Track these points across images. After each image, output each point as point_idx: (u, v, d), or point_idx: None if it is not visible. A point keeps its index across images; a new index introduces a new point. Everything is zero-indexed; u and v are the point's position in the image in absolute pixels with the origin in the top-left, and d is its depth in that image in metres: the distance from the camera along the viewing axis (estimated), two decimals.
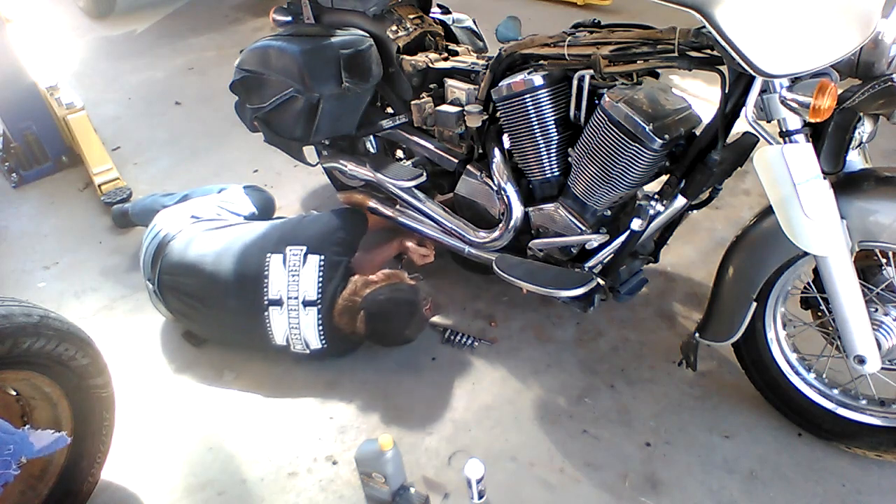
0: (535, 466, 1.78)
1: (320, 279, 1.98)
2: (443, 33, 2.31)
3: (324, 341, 2.01)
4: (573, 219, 1.88)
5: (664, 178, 1.72)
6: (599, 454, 1.79)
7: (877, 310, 1.57)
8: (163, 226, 2.22)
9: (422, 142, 2.24)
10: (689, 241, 2.46)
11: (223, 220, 2.27)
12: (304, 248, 2.01)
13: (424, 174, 2.21)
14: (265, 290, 2.00)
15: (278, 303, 2.00)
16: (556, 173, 1.91)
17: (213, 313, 2.10)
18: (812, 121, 1.36)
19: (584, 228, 1.88)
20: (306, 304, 1.98)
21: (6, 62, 3.01)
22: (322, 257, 2.00)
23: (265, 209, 2.47)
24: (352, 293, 2.00)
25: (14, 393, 1.57)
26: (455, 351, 2.14)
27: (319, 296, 1.98)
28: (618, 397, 1.94)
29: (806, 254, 1.51)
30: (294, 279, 1.98)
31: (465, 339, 2.14)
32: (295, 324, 2.00)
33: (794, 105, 1.38)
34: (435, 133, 2.17)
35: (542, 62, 1.80)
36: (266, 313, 2.01)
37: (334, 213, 2.22)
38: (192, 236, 2.15)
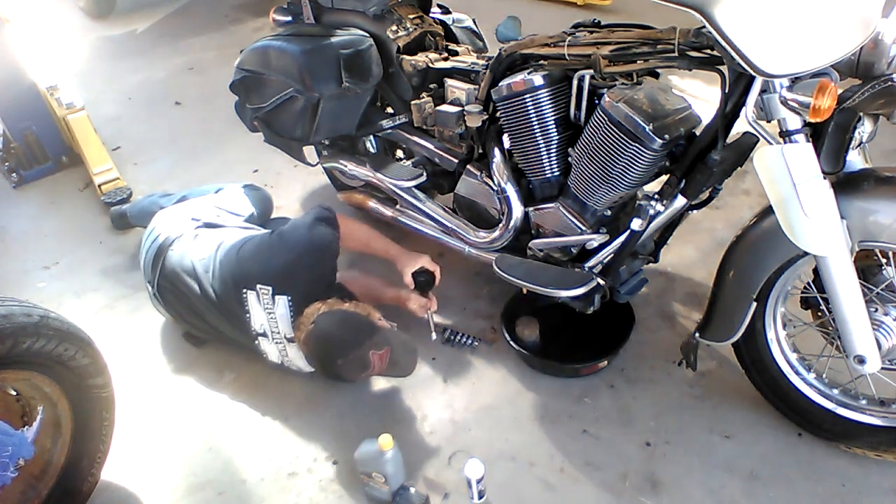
0: (535, 466, 1.78)
1: (293, 318, 1.91)
2: (443, 33, 2.31)
3: (315, 366, 1.99)
4: (573, 219, 1.88)
5: (664, 178, 1.72)
6: (599, 454, 1.79)
7: (877, 310, 1.57)
8: (162, 229, 2.20)
9: (422, 142, 2.24)
10: (689, 241, 2.46)
11: (222, 222, 2.26)
12: (270, 288, 1.90)
13: (424, 174, 2.21)
14: (250, 322, 1.97)
15: (264, 335, 1.97)
16: (556, 173, 1.91)
17: (211, 329, 2.11)
18: (812, 121, 1.36)
19: (584, 228, 1.88)
20: (289, 339, 1.94)
21: (6, 62, 3.01)
22: (289, 298, 1.90)
23: (264, 209, 2.45)
24: (311, 311, 1.88)
25: (14, 393, 1.57)
26: (455, 351, 2.14)
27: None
28: (618, 397, 1.94)
29: (806, 254, 1.51)
30: (271, 318, 1.93)
31: (465, 339, 2.14)
32: (284, 354, 1.98)
33: (794, 105, 1.38)
34: (435, 133, 2.17)
35: (542, 62, 1.80)
36: (256, 341, 2.00)
37: (297, 243, 1.96)
38: (188, 246, 2.11)
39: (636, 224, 1.74)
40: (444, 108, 2.08)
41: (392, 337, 1.89)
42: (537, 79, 1.79)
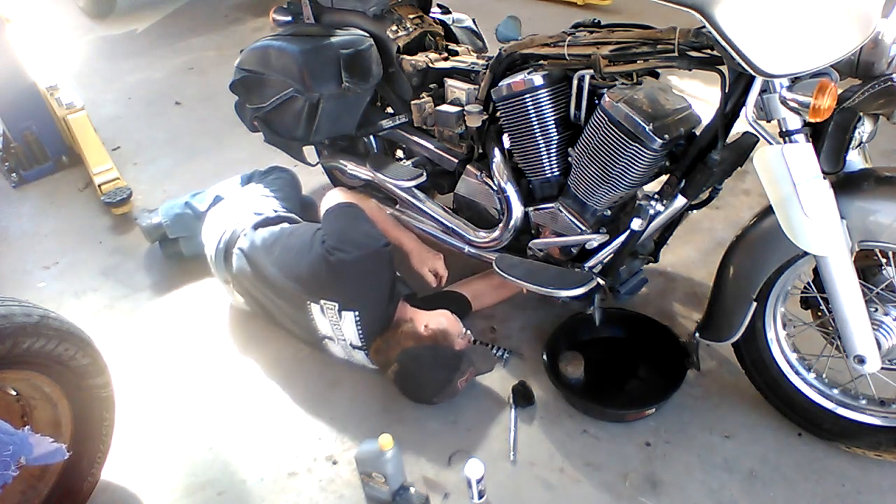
0: (535, 466, 1.78)
1: (360, 331, 1.93)
2: (443, 33, 2.31)
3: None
4: (573, 219, 1.88)
5: (664, 178, 1.72)
6: (599, 454, 1.79)
7: (877, 310, 1.57)
8: (227, 224, 2.22)
9: (422, 142, 2.24)
10: (689, 241, 2.46)
11: (277, 216, 2.25)
12: (336, 304, 1.92)
13: (424, 174, 2.21)
14: (316, 329, 2.02)
15: (330, 338, 2.02)
16: (556, 173, 1.91)
17: (282, 325, 2.17)
18: (812, 121, 1.36)
19: (584, 228, 1.88)
20: (354, 347, 1.98)
21: (6, 62, 3.00)
22: (356, 313, 1.91)
23: (297, 192, 2.55)
24: (391, 338, 1.90)
25: (14, 393, 1.57)
26: None
27: (364, 343, 1.96)
28: None
29: (806, 254, 1.51)
30: (337, 328, 1.96)
31: (496, 352, 2.09)
32: (350, 356, 2.03)
33: (794, 105, 1.38)
34: (435, 133, 2.17)
35: (542, 62, 1.80)
36: (323, 342, 2.05)
37: (357, 260, 1.90)
38: (252, 241, 2.10)
39: (636, 224, 1.74)
40: (444, 108, 2.08)
41: (472, 356, 1.97)
42: (537, 79, 1.79)
